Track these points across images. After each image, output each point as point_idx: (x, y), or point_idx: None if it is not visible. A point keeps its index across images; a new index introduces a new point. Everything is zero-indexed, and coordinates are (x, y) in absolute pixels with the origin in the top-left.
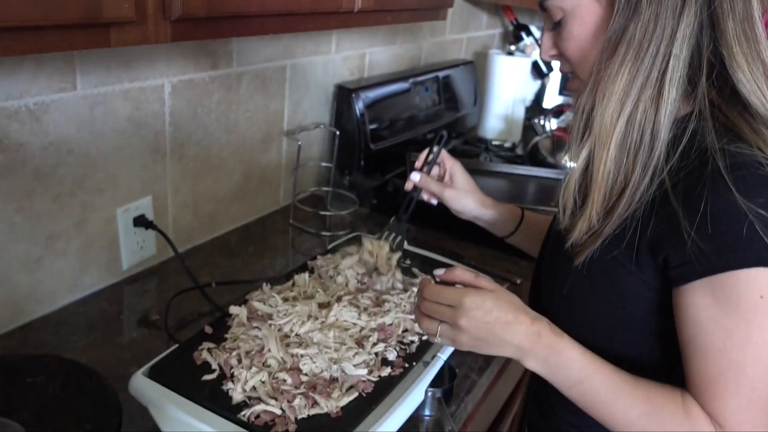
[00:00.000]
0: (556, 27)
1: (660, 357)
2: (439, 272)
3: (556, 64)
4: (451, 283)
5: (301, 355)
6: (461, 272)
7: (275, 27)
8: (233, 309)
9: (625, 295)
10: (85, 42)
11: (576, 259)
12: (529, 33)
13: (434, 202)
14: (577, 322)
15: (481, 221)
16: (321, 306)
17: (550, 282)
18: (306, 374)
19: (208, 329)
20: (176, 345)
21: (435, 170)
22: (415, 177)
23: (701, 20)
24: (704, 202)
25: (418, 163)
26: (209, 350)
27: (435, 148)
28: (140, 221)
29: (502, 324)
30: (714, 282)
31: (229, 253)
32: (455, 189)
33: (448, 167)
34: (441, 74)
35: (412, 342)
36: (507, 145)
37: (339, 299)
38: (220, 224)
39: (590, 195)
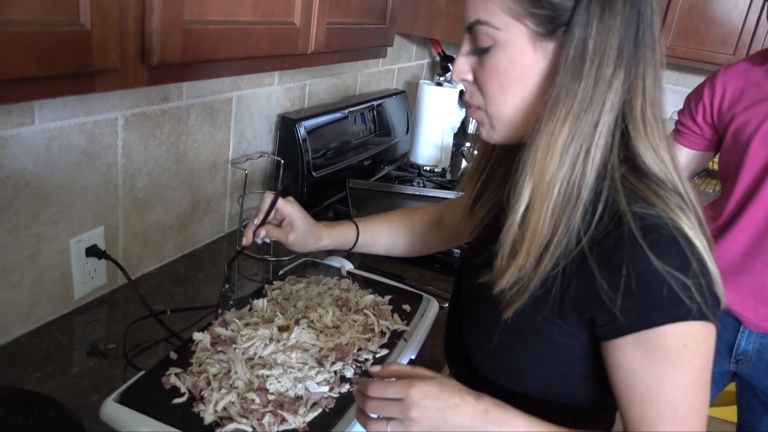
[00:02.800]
0: (479, 53)
1: (593, 395)
2: (375, 369)
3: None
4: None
5: (267, 376)
6: (397, 366)
7: (239, 69)
8: (197, 335)
9: (554, 347)
10: (72, 89)
11: (504, 314)
12: None
13: (267, 240)
14: (506, 373)
15: (321, 248)
16: (280, 329)
17: (476, 335)
18: (272, 393)
19: (173, 355)
20: (143, 371)
21: (270, 216)
22: (261, 233)
23: (622, 96)
24: (625, 266)
25: (258, 219)
26: (177, 375)
27: (269, 202)
28: (92, 251)
29: (451, 407)
30: (641, 337)
31: (179, 281)
32: (296, 234)
33: (287, 213)
34: (375, 103)
35: (367, 360)
36: (438, 170)
37: (297, 322)
38: (169, 252)
39: (524, 244)
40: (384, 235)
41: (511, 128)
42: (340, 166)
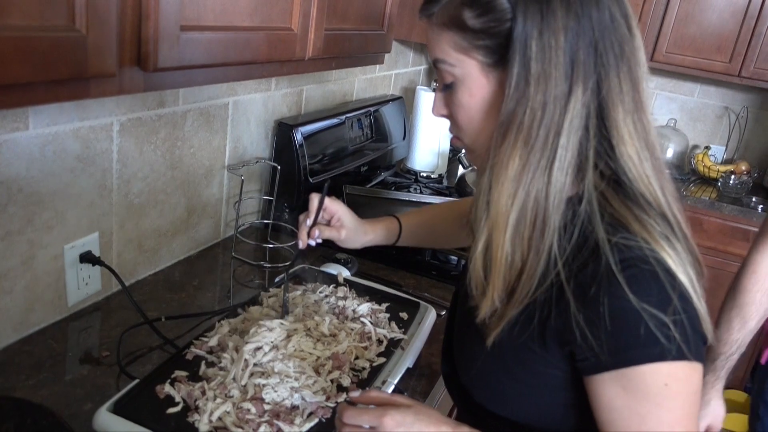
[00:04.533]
0: (446, 88)
1: (579, 424)
2: (354, 394)
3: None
4: (367, 405)
5: (263, 385)
6: (376, 393)
7: (236, 75)
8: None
9: (538, 375)
10: (69, 95)
11: (486, 341)
12: None
13: (319, 241)
14: (492, 398)
15: (368, 244)
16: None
17: (461, 358)
18: (268, 403)
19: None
20: (137, 380)
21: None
22: (316, 233)
23: (589, 110)
24: (602, 303)
25: (310, 220)
26: (172, 383)
27: (317, 202)
28: (86, 257)
29: None
30: (621, 374)
31: (174, 287)
32: (348, 230)
33: (334, 211)
34: (372, 109)
35: (364, 368)
36: (434, 176)
37: (294, 330)
38: (164, 258)
39: (490, 276)
40: (425, 228)
41: (484, 156)
42: (336, 172)
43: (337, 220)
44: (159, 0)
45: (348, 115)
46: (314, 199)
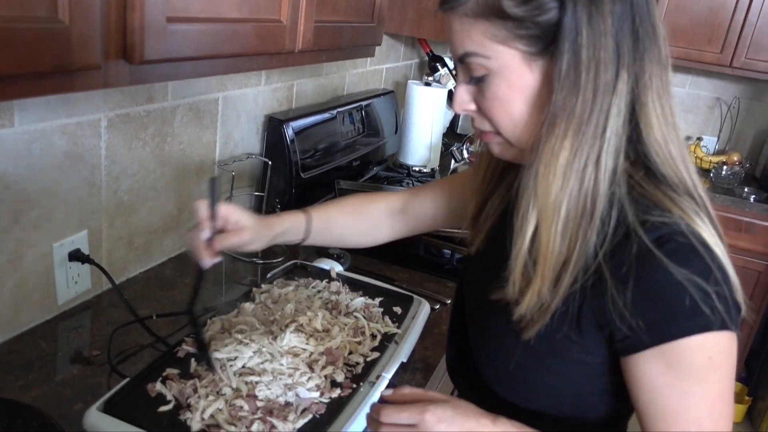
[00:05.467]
0: (475, 81)
1: (609, 409)
2: (387, 393)
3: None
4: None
5: (256, 382)
6: (410, 389)
7: (225, 68)
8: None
9: (573, 364)
10: (53, 88)
11: (525, 335)
12: (444, 64)
13: (219, 260)
14: (524, 393)
15: (275, 243)
16: (271, 333)
17: (492, 356)
18: (261, 400)
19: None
20: (128, 378)
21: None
22: (217, 245)
23: (629, 97)
24: (641, 279)
25: (205, 233)
26: (163, 381)
27: (206, 210)
28: (75, 256)
29: None
30: (664, 350)
31: (165, 285)
32: (250, 230)
33: (227, 214)
34: (364, 103)
35: (358, 363)
36: (426, 170)
37: (286, 326)
38: (155, 256)
39: (538, 269)
40: (338, 222)
41: (527, 149)
42: (328, 166)
43: (234, 224)
44: None
45: (339, 109)
46: (202, 206)
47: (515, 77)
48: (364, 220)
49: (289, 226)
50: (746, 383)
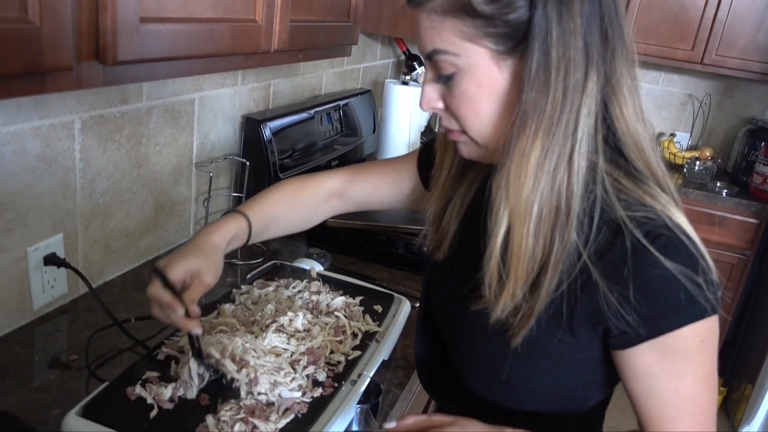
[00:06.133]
0: (444, 80)
1: (597, 398)
2: (390, 425)
3: None
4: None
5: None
6: (413, 419)
7: (200, 68)
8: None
9: (565, 363)
10: (23, 90)
11: (513, 342)
12: (421, 63)
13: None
14: (516, 397)
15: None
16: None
17: (480, 368)
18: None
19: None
20: (107, 382)
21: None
22: (195, 310)
23: (599, 96)
24: (638, 277)
25: (179, 310)
26: (143, 384)
27: (164, 293)
28: (51, 260)
29: None
30: (660, 341)
31: (144, 288)
32: (207, 271)
33: (180, 276)
34: (341, 103)
35: (339, 362)
36: None
37: (267, 327)
38: (132, 258)
39: (511, 270)
40: (277, 216)
41: (495, 147)
42: (306, 166)
43: (191, 277)
44: None
45: (317, 109)
46: (160, 294)
47: (484, 76)
48: (302, 206)
49: (232, 236)
50: (721, 374)
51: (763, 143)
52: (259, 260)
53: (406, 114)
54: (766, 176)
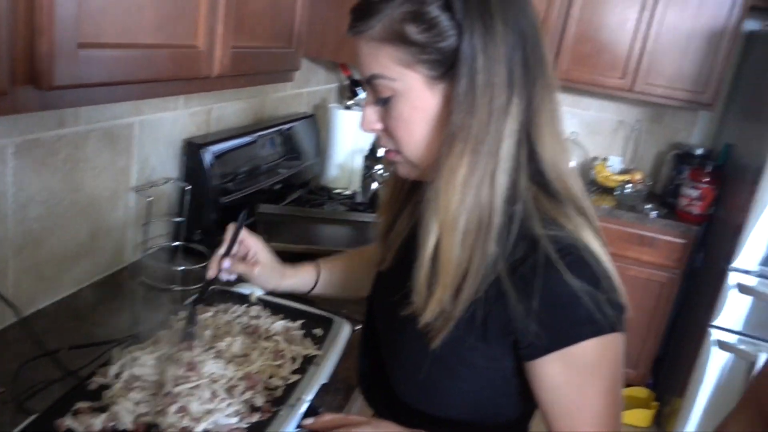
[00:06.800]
0: (382, 102)
1: (517, 410)
2: (308, 422)
3: None
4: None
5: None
6: (330, 416)
7: (140, 93)
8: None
9: (481, 370)
10: None
11: (432, 345)
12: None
13: (232, 278)
14: (435, 402)
15: (282, 289)
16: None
17: (404, 369)
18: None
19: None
20: (35, 415)
21: (235, 248)
22: (226, 264)
23: (522, 119)
24: (545, 291)
25: (222, 249)
26: (74, 415)
27: (232, 233)
28: None
29: None
30: (563, 354)
31: (78, 316)
32: (262, 267)
33: (251, 245)
34: (284, 127)
35: (278, 387)
36: (348, 193)
37: (205, 353)
38: (66, 286)
39: (440, 278)
40: (343, 276)
41: (428, 166)
42: (249, 191)
43: (252, 255)
44: (53, 16)
45: (260, 133)
46: (229, 229)
47: (418, 99)
48: (364, 272)
49: (302, 282)
50: (653, 389)
51: (688, 167)
52: (199, 286)
53: (349, 138)
54: (691, 198)
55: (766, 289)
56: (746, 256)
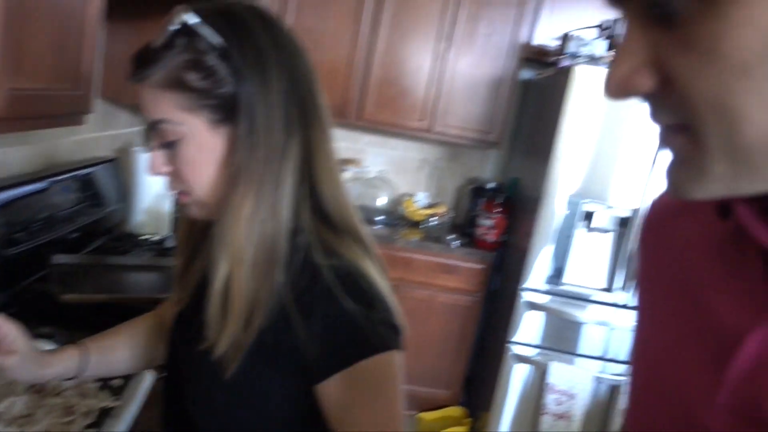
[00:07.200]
0: (169, 146)
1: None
2: None
3: None
4: None
5: None
6: None
7: None
8: None
9: (275, 398)
10: None
11: (225, 375)
12: None
13: None
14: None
15: (46, 379)
16: None
17: (202, 402)
18: None
19: None
20: None
21: None
22: None
23: (301, 156)
24: (324, 316)
25: None
26: None
27: None
28: None
29: None
30: (347, 373)
31: None
32: (20, 357)
33: (5, 333)
34: (82, 172)
35: None
36: (156, 238)
37: None
38: None
39: (232, 310)
40: (117, 351)
41: (216, 205)
42: (41, 241)
43: (10, 343)
44: None
45: (53, 179)
46: None
47: (203, 141)
48: (139, 344)
49: (62, 369)
50: (466, 406)
51: (483, 200)
52: None
53: (156, 181)
54: (487, 228)
55: (553, 305)
56: (534, 277)
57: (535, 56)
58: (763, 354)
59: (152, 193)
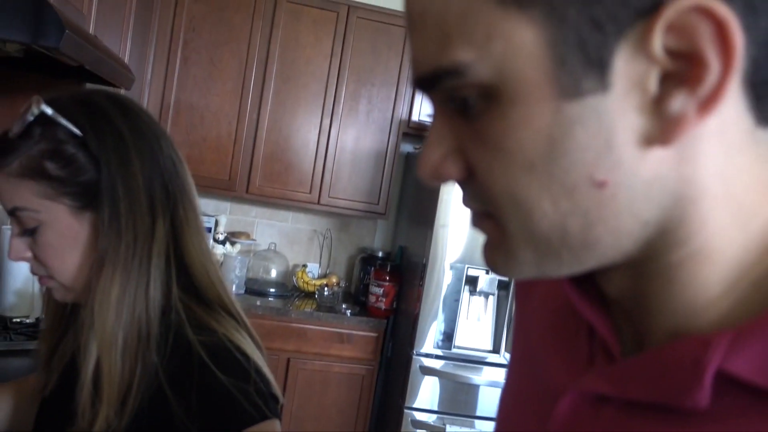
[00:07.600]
0: (29, 233)
1: None
2: None
3: None
4: None
5: None
6: None
7: None
8: None
9: None
10: None
11: None
12: None
13: None
14: None
15: None
16: None
17: None
18: None
19: None
20: None
21: None
22: None
23: (168, 237)
24: (199, 390)
25: None
26: None
27: None
28: None
29: None
30: None
31: None
32: None
33: None
34: None
35: None
36: (30, 320)
37: None
38: None
39: (104, 395)
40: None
41: (82, 289)
42: None
43: None
44: None
45: None
46: None
47: (65, 228)
48: (12, 410)
49: None
50: None
51: (373, 268)
52: None
53: (23, 263)
54: (377, 295)
55: (446, 369)
56: (426, 342)
57: (414, 131)
58: (569, 417)
59: (24, 273)
